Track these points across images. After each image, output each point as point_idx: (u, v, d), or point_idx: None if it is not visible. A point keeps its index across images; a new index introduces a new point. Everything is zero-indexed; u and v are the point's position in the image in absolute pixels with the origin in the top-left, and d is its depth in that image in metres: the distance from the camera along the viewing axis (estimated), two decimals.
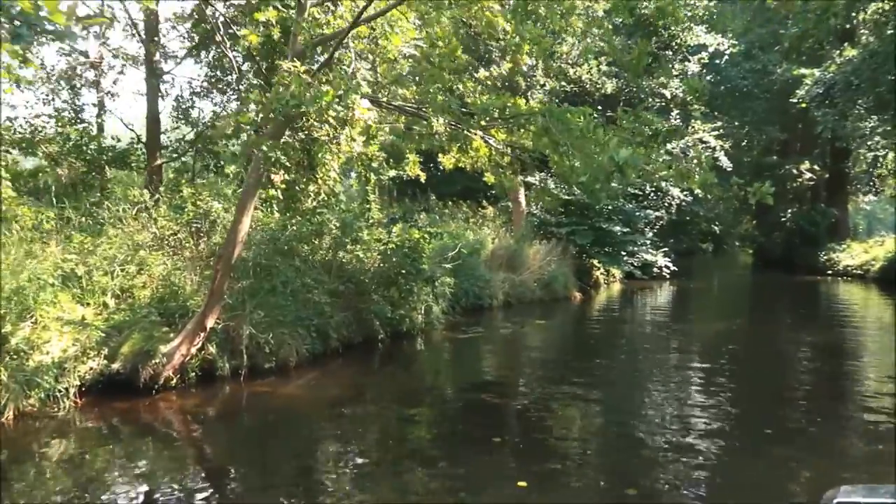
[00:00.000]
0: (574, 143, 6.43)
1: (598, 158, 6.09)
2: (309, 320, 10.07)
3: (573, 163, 6.62)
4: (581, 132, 6.32)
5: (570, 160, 6.57)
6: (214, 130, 13.30)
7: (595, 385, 9.57)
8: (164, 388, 8.05)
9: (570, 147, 6.36)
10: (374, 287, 11.70)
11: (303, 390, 8.87)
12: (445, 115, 7.79)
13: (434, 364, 11.38)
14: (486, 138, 8.70)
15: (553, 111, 6.55)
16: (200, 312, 8.18)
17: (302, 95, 6.53)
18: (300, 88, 6.54)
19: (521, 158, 9.42)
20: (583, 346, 13.41)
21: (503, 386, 9.73)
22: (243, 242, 8.41)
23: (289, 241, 11.39)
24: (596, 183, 6.26)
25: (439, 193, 25.55)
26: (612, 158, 5.89)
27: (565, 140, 6.35)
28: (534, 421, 7.99)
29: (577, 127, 6.35)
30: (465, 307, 15.72)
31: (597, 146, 6.14)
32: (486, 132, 8.62)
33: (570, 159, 6.58)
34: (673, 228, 31.94)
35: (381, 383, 9.71)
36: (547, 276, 18.62)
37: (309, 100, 6.46)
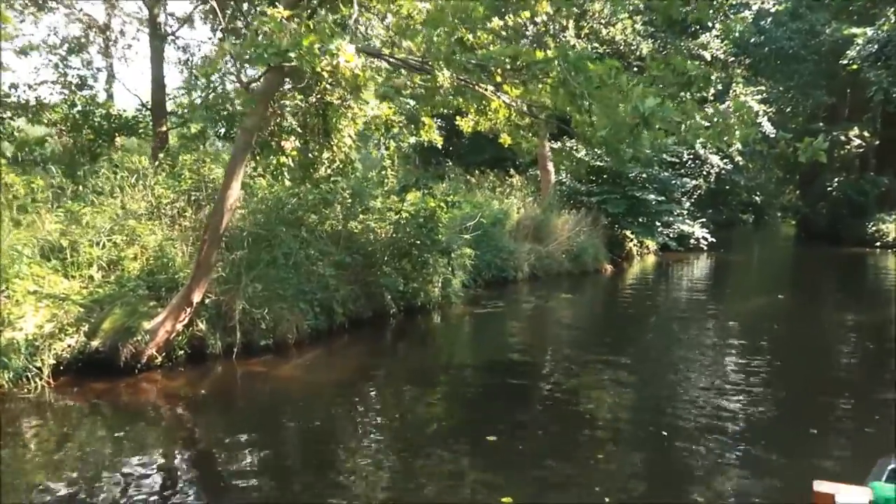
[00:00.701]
0: (593, 93, 5.55)
1: (621, 110, 5.21)
2: (312, 294, 9.40)
3: (592, 117, 5.74)
4: (601, 80, 5.44)
5: (589, 114, 5.69)
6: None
7: (625, 365, 8.73)
8: (147, 367, 7.46)
9: (588, 98, 5.48)
10: (386, 259, 10.97)
11: (301, 370, 8.21)
12: (451, 68, 6.93)
13: (448, 341, 10.65)
14: (500, 95, 7.80)
15: (568, 56, 5.66)
16: (186, 286, 7.54)
17: (280, 42, 5.73)
18: (279, 34, 5.74)
19: (540, 117, 8.51)
20: (612, 322, 12.55)
21: (524, 365, 8.94)
22: (232, 211, 7.72)
23: (295, 211, 10.69)
24: (618, 139, 5.38)
25: (466, 162, 24.66)
26: (635, 109, 5.02)
27: (583, 90, 5.47)
28: (557, 404, 7.26)
29: (597, 74, 5.47)
30: (487, 280, 14.95)
31: (619, 94, 5.25)
32: (499, 88, 7.73)
33: (588, 113, 5.70)
34: (711, 198, 30.55)
35: (388, 362, 9.00)
36: (576, 247, 17.69)
37: (287, 45, 5.65)
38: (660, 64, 6.27)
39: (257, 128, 7.91)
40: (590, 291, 16.45)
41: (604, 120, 5.45)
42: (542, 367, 8.98)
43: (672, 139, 11.22)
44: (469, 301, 12.96)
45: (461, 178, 21.24)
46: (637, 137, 6.87)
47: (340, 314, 9.68)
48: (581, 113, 6.02)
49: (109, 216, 8.99)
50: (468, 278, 14.18)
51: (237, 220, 9.48)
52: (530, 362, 9.16)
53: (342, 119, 13.56)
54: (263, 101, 7.80)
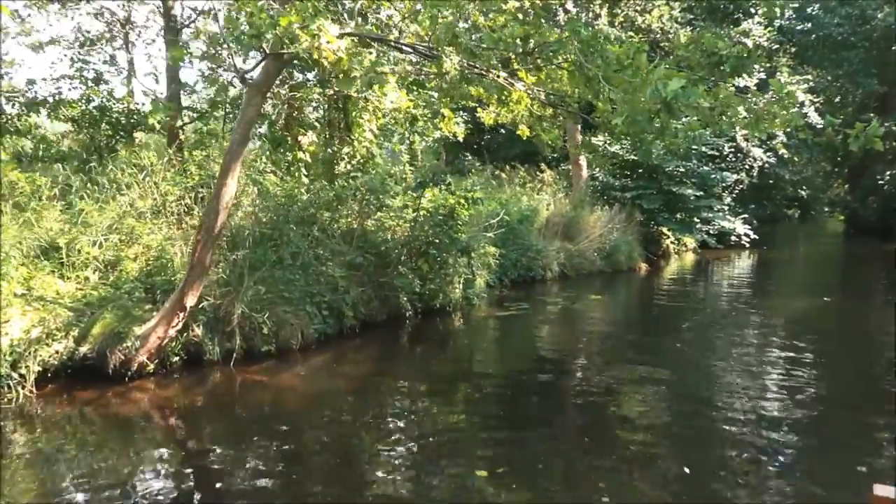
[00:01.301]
0: (610, 76, 4.90)
1: (641, 95, 4.55)
2: (320, 296, 8.92)
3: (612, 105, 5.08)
4: (618, 61, 4.78)
5: (611, 101, 5.04)
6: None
7: (659, 370, 8.03)
8: (139, 374, 7.03)
9: (604, 82, 4.83)
10: (402, 258, 10.43)
11: (303, 378, 7.71)
12: (457, 51, 6.33)
13: (465, 346, 10.04)
14: (515, 82, 7.17)
15: (581, 35, 5.00)
16: (179, 289, 7.09)
17: (261, 22, 5.20)
18: (258, 14, 5.22)
19: (559, 107, 7.85)
20: (646, 324, 11.79)
21: (547, 373, 8.29)
22: (228, 209, 7.25)
23: (306, 208, 10.22)
24: (639, 128, 4.72)
25: (498, 157, 24.02)
26: (656, 93, 4.36)
27: (598, 72, 4.82)
28: (586, 418, 6.64)
29: (614, 55, 4.81)
30: (513, 279, 14.35)
31: (637, 76, 4.59)
32: (514, 76, 7.11)
33: (609, 100, 5.05)
34: (755, 193, 29.37)
35: (398, 369, 8.43)
36: (608, 245, 16.94)
37: (264, 26, 5.12)
38: (687, 43, 5.59)
39: (255, 120, 7.43)
40: (623, 291, 15.69)
41: (623, 106, 4.79)
42: (568, 373, 8.32)
43: (708, 131, 10.39)
44: (493, 302, 12.37)
45: (490, 173, 20.62)
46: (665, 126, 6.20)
47: (351, 317, 9.17)
48: (600, 100, 5.38)
49: (110, 214, 8.61)
50: (493, 278, 13.60)
51: (239, 219, 9.05)
52: (554, 369, 8.50)
53: (363, 113, 13.15)
54: (261, 91, 7.31)
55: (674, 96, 4.39)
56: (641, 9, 19.31)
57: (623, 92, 4.83)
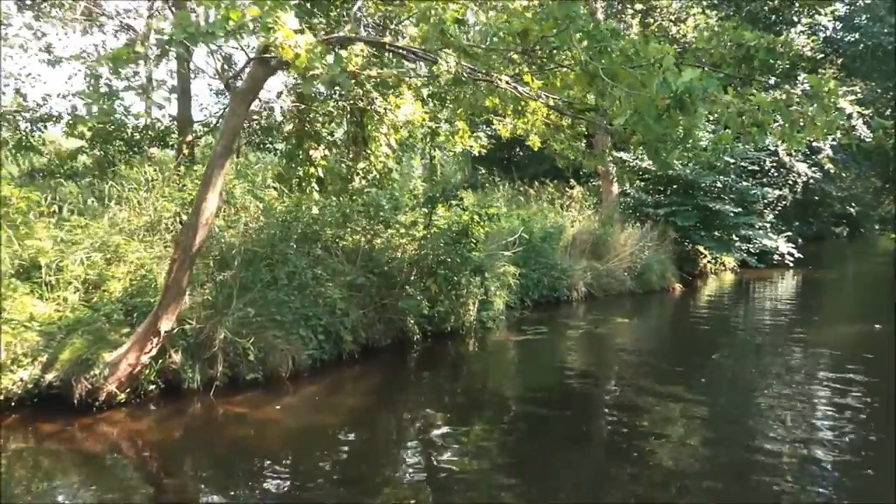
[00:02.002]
0: (616, 71, 4.20)
1: (648, 89, 3.85)
2: (316, 319, 8.31)
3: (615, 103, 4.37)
4: (622, 52, 4.09)
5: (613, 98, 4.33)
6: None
7: (691, 410, 7.21)
8: (108, 405, 6.49)
9: (606, 78, 4.14)
10: (409, 279, 9.78)
11: (289, 410, 7.07)
12: (449, 50, 5.69)
13: (475, 374, 9.30)
14: (518, 87, 6.49)
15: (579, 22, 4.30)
16: (153, 312, 6.54)
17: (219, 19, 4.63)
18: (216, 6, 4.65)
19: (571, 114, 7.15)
20: (678, 350, 10.85)
21: (564, 404, 7.51)
22: (209, 225, 6.69)
23: (310, 225, 9.66)
24: (645, 127, 4.01)
25: (528, 173, 23.31)
26: (665, 86, 3.67)
27: (597, 65, 4.13)
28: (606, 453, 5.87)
29: (618, 47, 4.12)
30: (536, 301, 13.58)
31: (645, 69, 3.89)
32: (517, 80, 6.44)
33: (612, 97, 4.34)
34: (799, 210, 28.07)
35: (399, 401, 7.74)
36: (640, 264, 16.05)
37: (216, 23, 4.54)
38: (710, 36, 4.87)
39: (239, 130, 6.89)
40: (654, 313, 14.77)
41: (627, 103, 4.09)
42: (590, 406, 7.55)
43: (744, 143, 9.45)
44: (512, 325, 11.63)
45: (516, 189, 19.91)
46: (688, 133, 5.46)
47: (350, 342, 8.53)
48: (605, 100, 4.68)
49: (96, 232, 8.15)
50: (514, 299, 12.87)
51: (230, 236, 8.52)
52: (574, 401, 7.71)
53: (379, 126, 12.58)
54: (247, 99, 6.77)
55: (686, 89, 3.67)
56: (676, 18, 18.50)
57: (629, 87, 4.12)
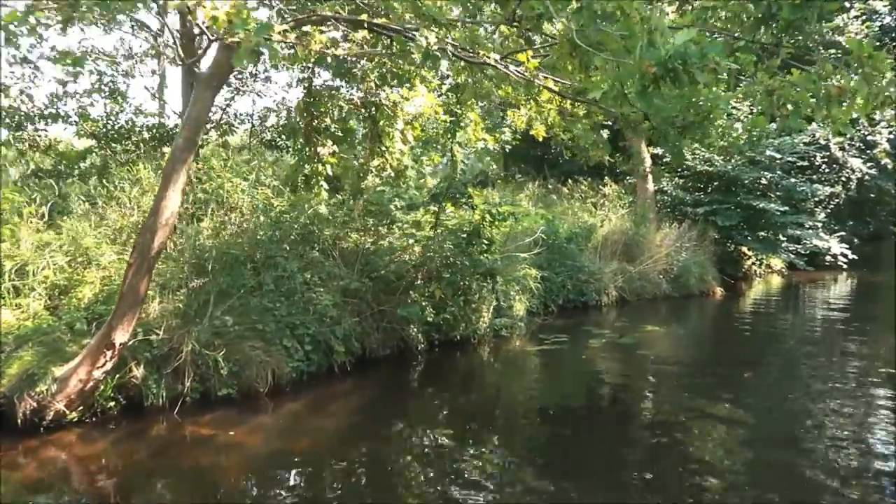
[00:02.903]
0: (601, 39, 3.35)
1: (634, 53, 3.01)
2: (304, 328, 7.60)
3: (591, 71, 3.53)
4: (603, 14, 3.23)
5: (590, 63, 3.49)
6: None
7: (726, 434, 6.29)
8: (58, 424, 5.87)
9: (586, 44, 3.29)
10: (413, 283, 9.01)
11: (261, 432, 6.34)
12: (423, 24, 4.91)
13: (480, 389, 8.42)
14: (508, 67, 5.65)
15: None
16: (107, 323, 5.91)
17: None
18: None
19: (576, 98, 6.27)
20: (712, 364, 9.71)
21: (575, 422, 6.66)
22: (170, 226, 6.03)
23: (306, 226, 8.98)
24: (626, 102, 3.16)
25: (561, 170, 22.34)
26: (651, 47, 2.83)
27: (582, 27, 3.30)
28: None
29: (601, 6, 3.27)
30: (561, 306, 12.68)
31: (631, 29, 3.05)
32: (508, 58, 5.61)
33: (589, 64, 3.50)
34: (854, 208, 26.27)
35: (389, 421, 6.90)
36: (676, 266, 14.97)
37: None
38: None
39: (204, 120, 6.21)
40: (690, 320, 13.68)
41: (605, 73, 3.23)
42: (604, 432, 6.65)
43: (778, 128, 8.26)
44: (530, 332, 10.75)
45: (546, 186, 18.99)
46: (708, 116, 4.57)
47: (342, 353, 7.80)
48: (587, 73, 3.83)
49: (70, 233, 7.61)
50: (537, 304, 12.00)
51: (205, 238, 7.87)
52: (583, 423, 6.83)
53: (393, 121, 11.88)
54: (211, 86, 6.10)
55: (677, 54, 2.81)
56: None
57: (613, 55, 3.28)
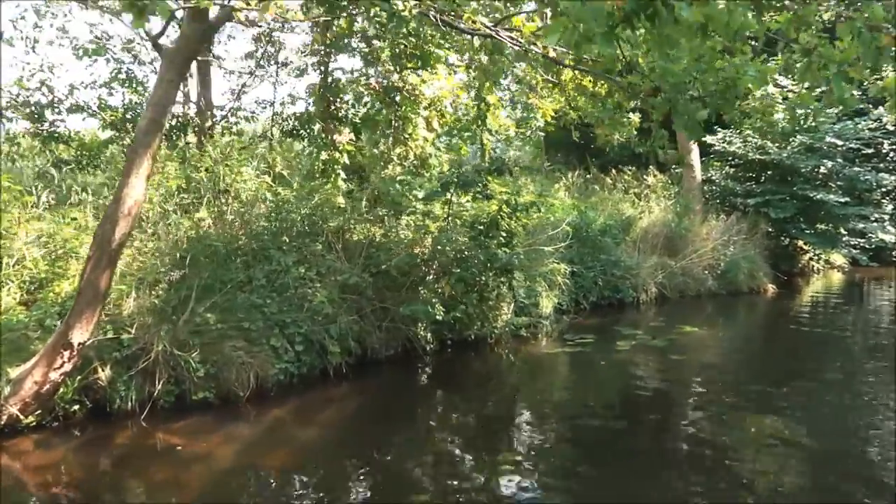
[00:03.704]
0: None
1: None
2: (296, 326, 7.03)
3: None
4: None
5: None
6: None
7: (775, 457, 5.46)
8: (14, 430, 5.43)
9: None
10: (420, 279, 8.36)
11: (235, 442, 5.75)
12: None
13: (487, 396, 7.64)
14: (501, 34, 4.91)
15: None
16: (64, 321, 5.45)
17: None
18: None
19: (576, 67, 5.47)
20: (757, 370, 8.71)
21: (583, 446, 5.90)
22: (133, 216, 5.51)
23: (309, 217, 8.43)
24: (588, 44, 2.43)
25: (605, 160, 21.34)
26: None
27: None
28: None
29: None
30: (595, 303, 11.86)
31: None
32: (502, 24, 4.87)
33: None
34: None
35: (382, 431, 6.22)
36: (723, 261, 13.92)
37: None
38: None
39: (171, 101, 5.67)
40: (736, 320, 12.65)
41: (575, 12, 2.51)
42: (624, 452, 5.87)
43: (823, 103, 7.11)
44: (555, 332, 10.00)
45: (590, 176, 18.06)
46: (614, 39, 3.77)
47: (337, 353, 7.19)
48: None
49: (52, 223, 7.22)
50: (567, 301, 11.23)
51: (187, 229, 7.36)
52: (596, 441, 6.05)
53: (415, 107, 11.27)
54: (175, 62, 5.55)
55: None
56: None
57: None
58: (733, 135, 16.20)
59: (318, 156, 11.13)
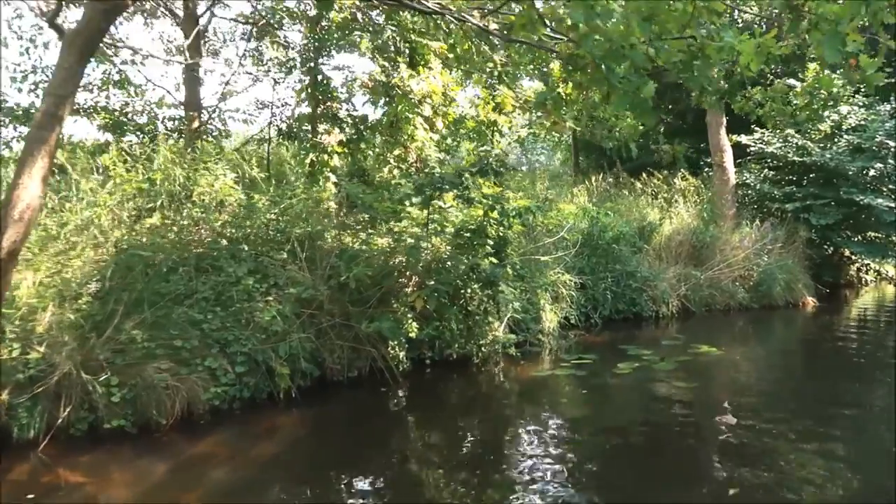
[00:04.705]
0: None
1: None
2: (239, 345, 6.30)
3: None
4: None
5: None
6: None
7: None
8: None
9: None
10: (393, 291, 7.55)
11: (146, 481, 4.98)
12: None
13: (446, 429, 6.65)
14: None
15: None
16: None
17: None
18: None
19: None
20: (782, 405, 7.40)
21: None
22: (28, 221, 4.85)
23: (274, 223, 7.72)
24: None
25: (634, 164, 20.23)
26: None
27: None
28: None
29: None
30: (608, 317, 10.88)
31: None
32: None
33: None
34: None
35: (323, 466, 5.45)
36: (756, 272, 12.73)
37: None
38: None
39: (70, 90, 4.98)
40: (765, 339, 11.41)
41: None
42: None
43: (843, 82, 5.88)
44: (556, 350, 9.07)
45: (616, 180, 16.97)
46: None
47: (285, 375, 6.43)
48: None
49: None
50: (576, 315, 10.28)
51: (119, 239, 6.70)
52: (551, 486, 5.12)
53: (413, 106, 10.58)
54: (77, 45, 4.88)
55: None
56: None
57: None
58: (773, 135, 14.92)
59: (304, 158, 10.49)
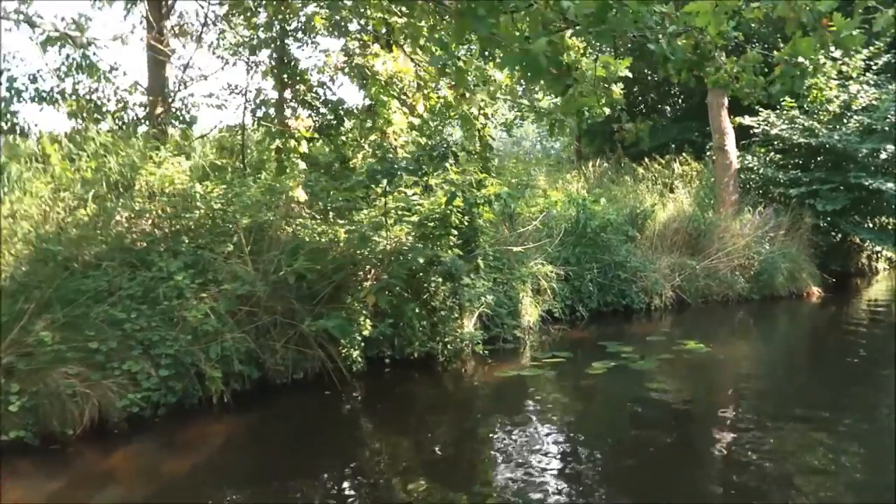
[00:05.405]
0: None
1: None
2: (165, 346, 5.78)
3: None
4: None
5: None
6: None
7: None
8: None
9: None
10: (346, 286, 7.00)
11: (44, 497, 4.54)
12: None
13: (398, 434, 6.04)
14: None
15: None
16: None
17: None
18: None
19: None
20: (776, 413, 6.86)
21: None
22: None
23: (220, 213, 7.19)
24: None
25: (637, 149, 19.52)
26: None
27: None
28: None
29: None
30: (596, 310, 10.27)
31: None
32: None
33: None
34: None
35: (251, 481, 4.88)
36: (757, 261, 12.01)
37: None
38: None
39: None
40: (761, 332, 10.70)
41: None
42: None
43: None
44: (531, 346, 8.50)
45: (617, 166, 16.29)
46: None
47: (217, 378, 5.90)
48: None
49: None
50: (560, 308, 9.70)
51: (26, 233, 6.20)
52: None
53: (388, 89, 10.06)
54: None
55: None
56: None
57: None
58: (778, 116, 14.13)
59: (269, 145, 9.96)
